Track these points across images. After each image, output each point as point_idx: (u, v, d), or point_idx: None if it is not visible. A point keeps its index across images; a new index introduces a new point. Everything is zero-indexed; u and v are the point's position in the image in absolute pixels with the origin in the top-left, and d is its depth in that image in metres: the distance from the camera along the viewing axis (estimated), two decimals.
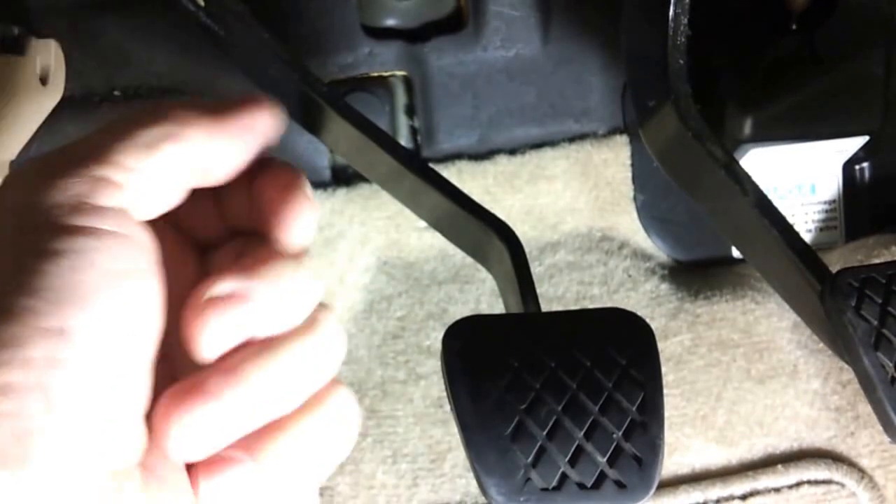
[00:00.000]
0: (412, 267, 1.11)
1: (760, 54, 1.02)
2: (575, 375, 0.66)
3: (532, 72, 1.10)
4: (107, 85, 1.06)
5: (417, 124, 1.12)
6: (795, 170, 1.11)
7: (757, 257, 0.81)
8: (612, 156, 1.11)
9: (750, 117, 1.01)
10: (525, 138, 1.12)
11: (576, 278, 1.10)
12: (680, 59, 0.77)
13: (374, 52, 1.08)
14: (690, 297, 1.09)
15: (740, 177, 0.74)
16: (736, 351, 1.05)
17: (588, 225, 1.13)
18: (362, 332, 1.08)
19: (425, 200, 0.83)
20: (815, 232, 1.13)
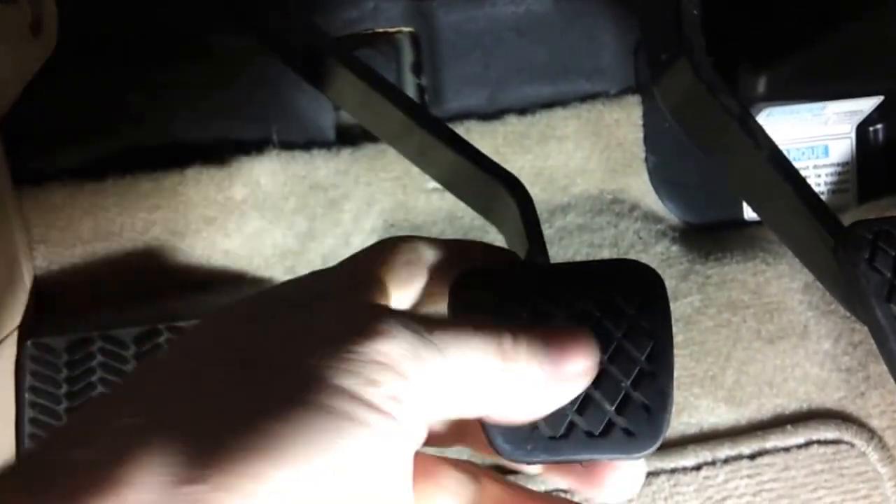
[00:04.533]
0: (419, 229, 1.09)
1: (776, 12, 1.01)
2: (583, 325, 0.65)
3: (543, 29, 1.09)
4: (102, 38, 1.04)
5: (425, 82, 1.10)
6: (809, 131, 1.09)
7: (769, 212, 0.80)
8: (624, 116, 1.10)
9: (763, 76, 1.00)
10: (535, 97, 1.10)
11: (586, 240, 1.09)
12: (694, 9, 0.76)
13: (380, 7, 1.06)
14: (701, 259, 1.08)
15: (754, 130, 0.73)
16: (746, 312, 1.04)
17: (599, 187, 1.11)
18: None
19: (433, 155, 0.82)
20: (829, 194, 1.11)
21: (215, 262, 1.03)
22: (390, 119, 0.81)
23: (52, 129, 1.03)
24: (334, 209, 1.06)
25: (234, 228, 1.02)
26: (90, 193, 1.00)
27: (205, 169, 1.01)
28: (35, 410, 0.91)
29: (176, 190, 1.01)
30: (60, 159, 1.03)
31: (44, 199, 1.00)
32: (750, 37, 1.02)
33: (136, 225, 1.01)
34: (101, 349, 0.93)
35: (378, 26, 1.07)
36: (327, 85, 0.88)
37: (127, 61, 1.04)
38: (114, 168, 1.01)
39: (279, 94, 1.06)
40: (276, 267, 1.03)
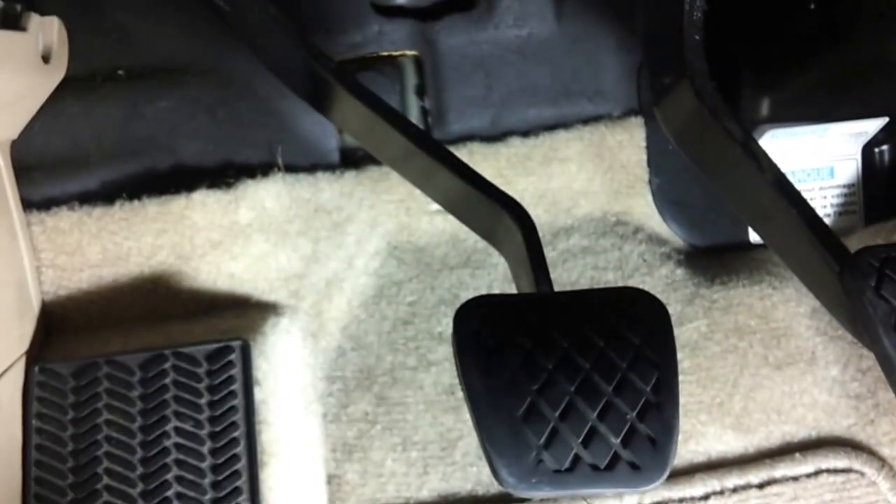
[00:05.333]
0: (423, 251, 1.09)
1: (778, 33, 1.00)
2: (588, 355, 0.65)
3: (545, 51, 1.09)
4: (110, 64, 1.05)
5: (428, 105, 1.10)
6: (813, 153, 1.09)
7: (774, 237, 0.80)
8: (627, 138, 1.09)
9: (767, 97, 1.00)
10: (538, 120, 1.10)
11: (590, 263, 1.08)
12: (696, 34, 0.76)
13: (384, 31, 1.06)
14: (707, 283, 1.07)
15: (757, 154, 0.73)
16: (753, 337, 1.03)
17: (602, 209, 1.11)
18: (372, 318, 1.06)
19: (437, 180, 0.82)
20: (834, 216, 1.11)
21: (221, 286, 1.03)
22: (393, 144, 0.81)
23: (61, 155, 1.03)
24: (338, 232, 1.06)
25: (240, 252, 1.02)
26: (98, 218, 1.01)
27: (211, 193, 1.02)
28: (41, 437, 0.91)
29: (182, 214, 1.01)
30: (70, 185, 1.04)
31: (52, 224, 1.00)
32: (753, 58, 1.01)
33: (143, 249, 1.01)
34: (107, 375, 0.93)
35: (382, 50, 1.07)
36: (331, 110, 0.88)
37: (134, 88, 1.04)
38: (122, 193, 1.02)
39: (284, 117, 1.06)
40: (281, 290, 1.03)
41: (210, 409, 0.92)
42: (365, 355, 1.04)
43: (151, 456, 0.90)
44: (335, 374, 1.03)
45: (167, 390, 0.93)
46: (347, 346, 1.05)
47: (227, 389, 0.93)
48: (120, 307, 1.02)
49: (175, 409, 0.92)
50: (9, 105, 0.95)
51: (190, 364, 0.93)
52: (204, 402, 0.92)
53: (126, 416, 0.92)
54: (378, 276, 1.08)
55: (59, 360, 0.94)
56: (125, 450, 0.91)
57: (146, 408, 0.92)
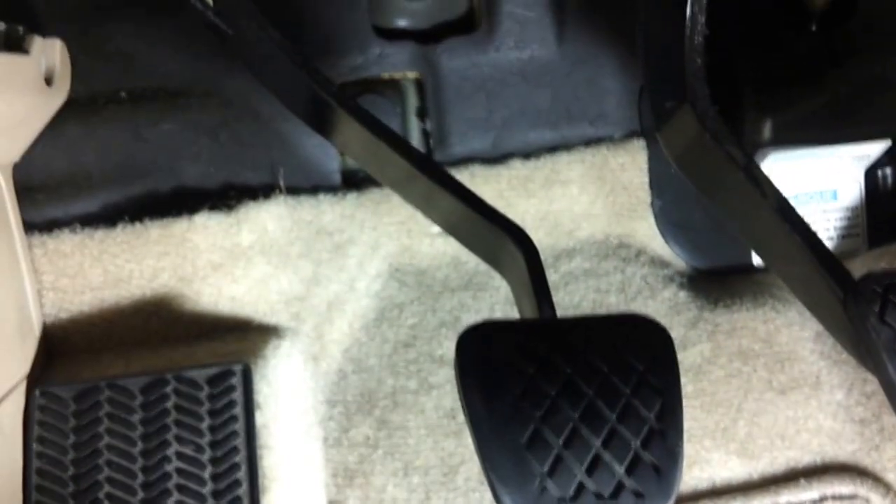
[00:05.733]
0: (424, 274, 1.09)
1: (780, 56, 1.00)
2: (592, 382, 0.64)
3: (547, 74, 1.09)
4: (113, 86, 1.05)
5: (429, 127, 1.10)
6: (816, 176, 1.09)
7: (777, 263, 0.79)
8: (629, 160, 1.09)
9: (769, 120, 1.00)
10: (539, 142, 1.10)
11: (592, 286, 1.08)
12: (697, 59, 0.76)
13: (386, 54, 1.06)
14: (710, 306, 1.07)
15: (760, 179, 0.73)
16: (757, 361, 1.03)
17: (605, 231, 1.11)
18: (373, 341, 1.06)
19: (438, 204, 0.82)
20: (837, 239, 1.11)
21: (222, 308, 1.03)
22: (395, 167, 0.81)
23: (63, 177, 1.04)
24: (339, 254, 1.06)
25: (241, 274, 1.02)
26: (100, 241, 1.00)
27: (213, 215, 1.02)
28: (42, 461, 0.91)
29: (184, 237, 1.01)
30: (72, 207, 1.04)
31: (54, 246, 1.00)
32: (755, 81, 1.01)
33: (144, 272, 1.01)
34: (108, 399, 0.93)
35: (384, 72, 1.08)
36: (332, 132, 0.88)
37: (136, 110, 1.04)
38: (124, 216, 1.02)
39: (286, 139, 1.07)
40: (282, 313, 1.03)
41: (211, 433, 0.92)
42: (366, 378, 1.03)
43: (153, 480, 0.90)
44: (336, 397, 1.03)
45: (168, 414, 0.92)
46: (348, 368, 1.04)
47: (228, 413, 0.92)
48: (121, 330, 1.02)
49: (176, 434, 0.92)
50: (11, 128, 0.95)
51: (191, 388, 0.93)
52: (205, 426, 0.92)
53: (127, 440, 0.91)
54: (379, 299, 1.08)
55: (61, 384, 0.94)
56: (126, 474, 0.90)
57: (147, 432, 0.91)
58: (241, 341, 1.00)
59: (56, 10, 1.04)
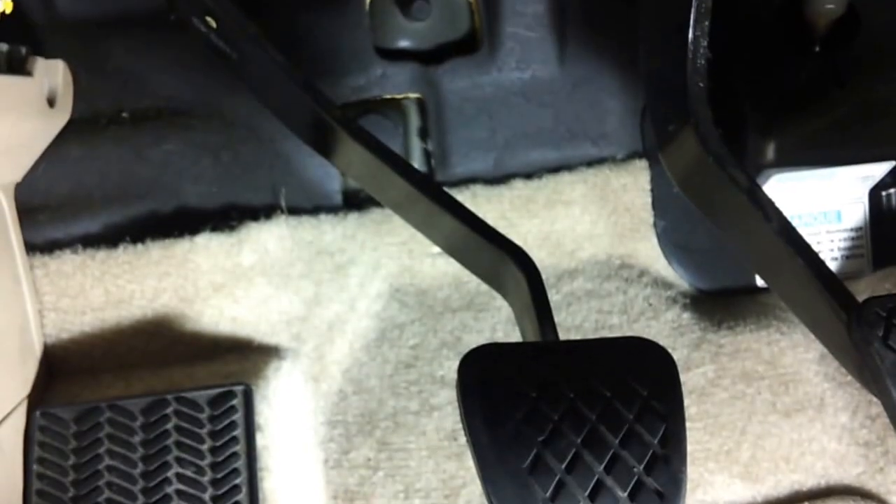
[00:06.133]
0: (425, 294, 1.09)
1: (783, 77, 1.00)
2: (595, 406, 0.64)
3: (548, 94, 1.09)
4: (115, 107, 1.05)
5: (431, 147, 1.10)
6: (820, 196, 1.08)
7: (781, 285, 0.79)
8: (632, 180, 1.09)
9: (773, 142, 0.99)
10: (541, 162, 1.10)
11: (595, 307, 1.08)
12: (700, 82, 0.76)
13: (387, 74, 1.07)
14: (713, 327, 1.06)
15: (763, 202, 0.73)
16: (761, 383, 1.02)
17: (607, 252, 1.11)
18: (374, 361, 1.05)
19: (439, 225, 0.82)
20: (842, 260, 1.10)
21: (223, 329, 1.02)
22: (396, 189, 0.81)
23: (65, 197, 1.04)
24: (340, 274, 1.06)
25: (242, 295, 1.02)
26: (101, 262, 1.00)
27: (214, 236, 1.02)
28: (42, 482, 0.91)
29: (186, 257, 1.01)
30: (73, 228, 1.04)
31: (55, 267, 1.00)
32: (758, 102, 1.01)
33: (145, 292, 1.01)
34: (108, 420, 0.92)
35: (386, 93, 1.08)
36: (334, 153, 0.88)
37: (138, 131, 1.04)
38: (125, 236, 1.02)
39: (287, 160, 1.07)
40: (283, 333, 1.03)
41: (212, 455, 0.91)
42: (367, 399, 1.03)
43: (153, 502, 0.89)
44: (336, 418, 1.02)
45: (169, 435, 0.92)
46: (349, 389, 1.04)
47: (229, 435, 0.92)
48: (122, 350, 1.01)
49: (177, 455, 0.91)
50: (13, 148, 0.95)
51: (192, 409, 0.92)
52: (206, 447, 0.92)
53: (127, 461, 0.91)
54: (380, 319, 1.08)
55: (61, 405, 0.94)
56: (126, 496, 0.90)
57: (148, 453, 0.91)
58: (242, 362, 0.99)
59: (59, 28, 1.04)
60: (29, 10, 1.01)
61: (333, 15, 1.05)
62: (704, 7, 0.75)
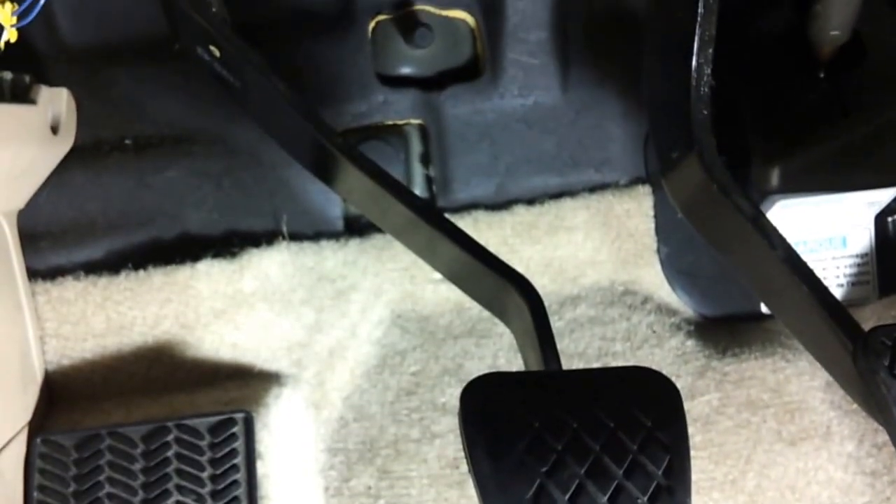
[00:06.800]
0: (427, 320, 1.09)
1: (788, 103, 1.00)
2: (598, 437, 0.63)
3: (551, 120, 1.09)
4: (118, 134, 1.05)
5: (433, 173, 1.10)
6: (825, 222, 1.08)
7: (786, 314, 0.79)
8: (635, 206, 1.09)
9: (777, 168, 0.99)
10: (544, 188, 1.10)
11: (598, 333, 1.07)
12: (704, 109, 0.76)
13: (389, 101, 1.07)
14: (718, 355, 1.05)
15: (768, 231, 0.72)
16: (766, 411, 1.01)
17: (610, 278, 1.10)
18: (375, 388, 1.05)
19: (441, 252, 0.82)
20: (847, 287, 1.09)
21: (224, 355, 1.02)
22: (397, 216, 0.81)
23: (67, 224, 1.04)
24: (342, 300, 1.06)
25: (243, 321, 1.02)
26: (103, 288, 1.00)
27: (216, 262, 1.02)
28: None
29: (187, 284, 1.01)
30: (76, 254, 1.04)
31: (57, 294, 1.00)
32: (763, 128, 1.01)
33: (147, 319, 1.01)
34: (109, 447, 0.92)
35: (387, 119, 1.08)
36: (335, 180, 0.88)
37: (141, 158, 1.04)
38: (127, 263, 1.02)
39: (289, 186, 1.07)
40: (284, 359, 1.02)
41: (212, 482, 0.91)
42: (367, 427, 1.02)
43: None
44: (337, 445, 1.02)
45: (170, 463, 0.91)
46: (350, 416, 1.03)
47: (229, 463, 0.91)
48: (123, 377, 1.01)
49: (177, 483, 0.91)
50: (16, 176, 0.95)
51: (193, 436, 0.92)
52: (206, 475, 0.91)
53: (128, 489, 0.90)
54: (381, 346, 1.07)
55: (62, 432, 0.93)
56: None
57: (148, 481, 0.91)
58: (243, 389, 0.99)
59: (63, 57, 1.04)
60: (33, 38, 1.02)
61: (336, 42, 1.05)
62: (708, 35, 0.75)
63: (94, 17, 1.04)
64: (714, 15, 0.75)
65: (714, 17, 0.75)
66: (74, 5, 1.03)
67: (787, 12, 1.02)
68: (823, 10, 0.93)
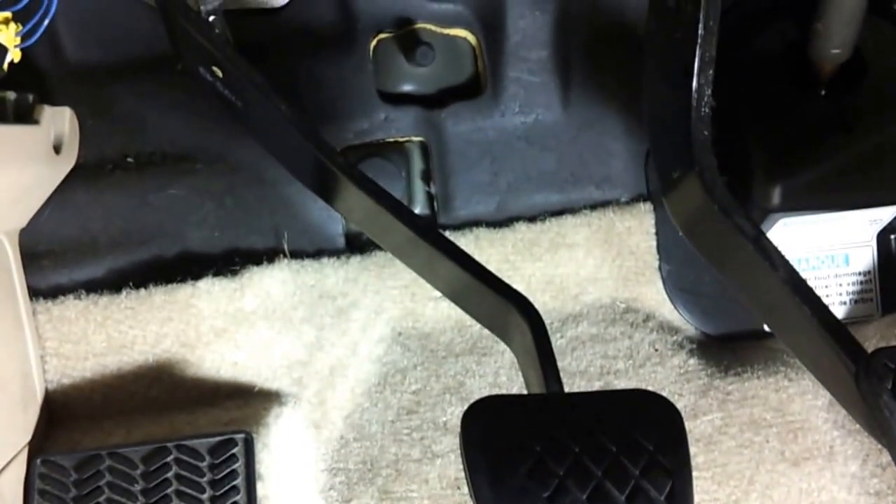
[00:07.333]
0: (428, 338, 1.08)
1: (789, 121, 1.00)
2: (600, 462, 0.63)
3: (552, 137, 1.09)
4: (120, 152, 1.05)
5: (434, 190, 1.10)
6: (828, 240, 1.08)
7: (788, 334, 0.78)
8: (636, 224, 1.09)
9: (779, 186, 0.99)
10: (545, 205, 1.10)
11: (599, 352, 1.07)
12: (704, 130, 0.75)
13: (391, 118, 1.07)
14: (720, 374, 1.05)
15: (769, 251, 0.72)
16: (769, 431, 1.01)
17: (611, 296, 1.10)
18: (375, 407, 1.04)
19: (441, 272, 0.81)
20: (850, 304, 1.09)
21: (224, 374, 1.02)
22: (398, 235, 0.81)
23: (69, 243, 1.04)
24: (342, 318, 1.05)
25: (244, 339, 1.01)
26: (104, 307, 1.00)
27: (217, 281, 1.01)
28: None
29: (188, 302, 1.00)
30: (77, 273, 1.03)
31: (58, 313, 1.00)
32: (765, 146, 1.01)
33: (147, 338, 1.00)
34: (109, 468, 0.92)
35: (389, 136, 1.08)
36: (335, 199, 0.88)
37: (143, 176, 1.04)
38: (129, 281, 1.01)
39: (290, 203, 1.07)
40: (284, 378, 1.02)
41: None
42: (368, 446, 1.02)
43: None
44: (338, 465, 1.01)
45: (170, 484, 0.91)
46: (350, 436, 1.02)
47: (230, 484, 0.91)
48: (123, 396, 1.01)
49: None
50: (19, 195, 0.95)
51: (193, 457, 0.92)
52: (206, 496, 0.91)
53: None
54: (382, 364, 1.07)
55: (62, 452, 0.93)
56: None
57: (148, 502, 0.90)
58: (243, 408, 0.98)
59: (66, 75, 1.05)
60: (37, 57, 1.02)
61: (338, 60, 1.05)
62: (708, 56, 0.74)
63: (97, 37, 1.04)
64: (714, 36, 0.74)
65: (714, 38, 0.75)
66: (78, 24, 1.03)
67: (788, 30, 1.02)
68: (824, 28, 0.93)
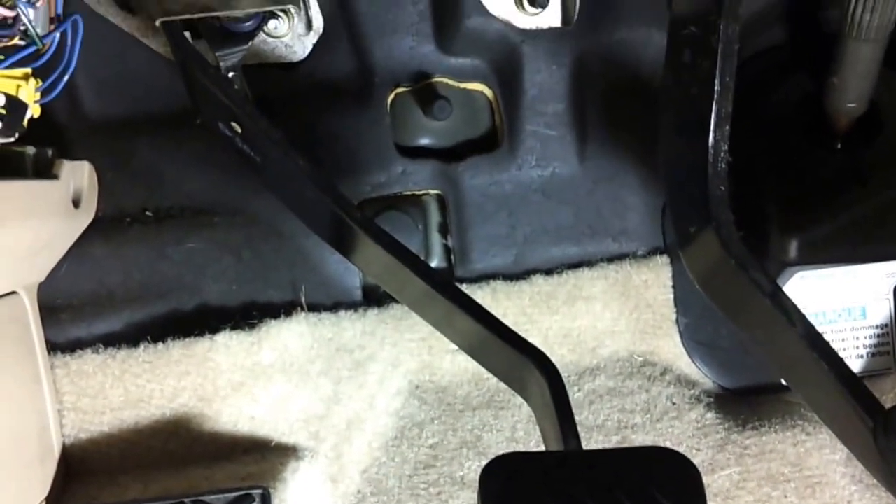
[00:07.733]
0: (445, 391, 1.08)
1: (805, 175, 1.00)
2: None
3: (568, 190, 1.09)
4: (139, 205, 1.06)
5: (451, 243, 1.10)
6: (844, 293, 1.07)
7: (805, 389, 0.78)
8: (653, 277, 1.09)
9: (795, 240, 0.99)
10: (562, 258, 1.10)
11: (617, 405, 1.06)
12: (721, 185, 0.75)
13: (408, 171, 1.07)
14: (738, 428, 1.04)
15: (786, 307, 0.72)
16: (787, 486, 0.99)
17: (629, 349, 1.09)
18: (392, 461, 1.04)
19: (458, 325, 0.81)
20: (867, 357, 1.08)
21: (241, 428, 1.02)
22: (414, 289, 0.81)
23: (87, 296, 1.04)
24: (360, 371, 1.05)
25: (261, 393, 1.01)
26: (122, 361, 1.00)
27: (234, 334, 1.02)
28: None
29: (206, 356, 1.01)
30: (95, 327, 1.04)
31: (76, 367, 1.00)
32: (781, 200, 1.01)
33: (165, 392, 1.00)
34: None
35: (406, 189, 1.08)
36: (353, 252, 0.88)
37: (162, 229, 1.05)
38: (146, 335, 1.02)
39: (307, 256, 1.07)
40: (301, 432, 1.02)
41: None
42: (385, 501, 1.01)
43: None
44: None
45: None
46: (367, 490, 1.02)
47: None
48: (140, 451, 1.01)
49: None
50: (37, 251, 0.96)
51: None
52: None
53: None
54: (399, 417, 1.07)
55: None
56: None
57: None
58: (260, 463, 0.98)
59: (85, 129, 1.05)
60: (56, 112, 1.03)
61: (355, 114, 1.06)
62: (725, 112, 0.75)
63: (117, 91, 1.05)
64: (731, 92, 0.75)
65: (730, 93, 0.75)
66: (98, 79, 1.04)
67: (804, 84, 1.02)
68: (840, 82, 0.93)
